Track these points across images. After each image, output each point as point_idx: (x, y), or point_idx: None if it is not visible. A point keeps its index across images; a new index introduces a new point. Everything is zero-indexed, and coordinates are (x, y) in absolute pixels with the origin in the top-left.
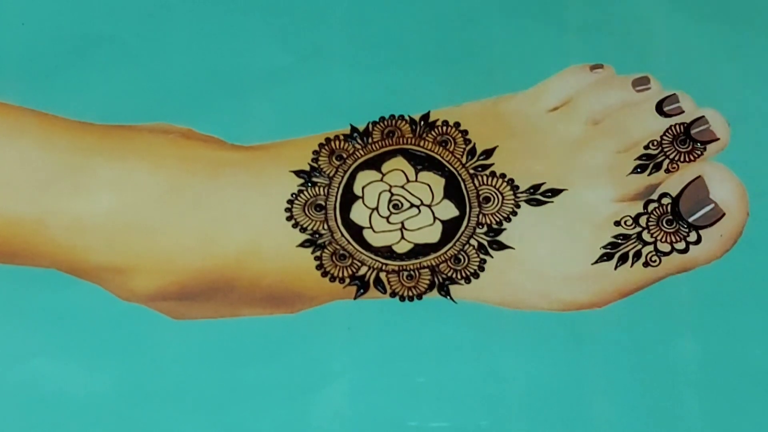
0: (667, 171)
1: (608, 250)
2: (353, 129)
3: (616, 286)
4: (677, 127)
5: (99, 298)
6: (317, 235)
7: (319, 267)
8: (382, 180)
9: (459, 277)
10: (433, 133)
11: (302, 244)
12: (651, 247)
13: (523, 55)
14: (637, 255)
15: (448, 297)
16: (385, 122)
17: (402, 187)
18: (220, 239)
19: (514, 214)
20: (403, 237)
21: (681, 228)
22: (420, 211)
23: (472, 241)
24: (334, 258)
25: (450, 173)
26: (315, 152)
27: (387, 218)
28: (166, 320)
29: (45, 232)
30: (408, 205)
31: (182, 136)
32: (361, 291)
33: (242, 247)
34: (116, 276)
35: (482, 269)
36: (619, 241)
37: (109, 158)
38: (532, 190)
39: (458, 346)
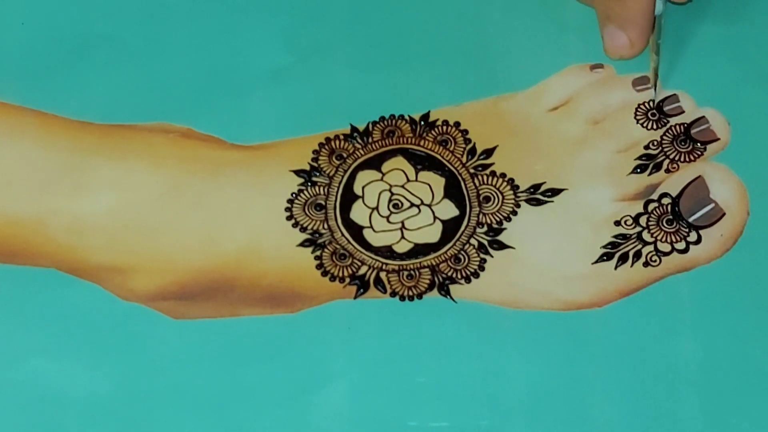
0: (667, 171)
1: (608, 250)
2: (353, 129)
3: (616, 286)
4: (677, 127)
5: (99, 298)
6: (317, 235)
7: (319, 267)
8: (382, 179)
9: (459, 276)
10: (433, 132)
11: (302, 244)
12: (651, 247)
13: (523, 55)
14: (637, 255)
15: (448, 297)
16: (385, 122)
17: (402, 186)
18: (220, 239)
19: (515, 213)
20: (403, 236)
21: (681, 228)
22: (420, 210)
23: (473, 241)
24: (334, 257)
25: (450, 173)
26: (315, 152)
27: (387, 218)
28: (166, 320)
29: (45, 232)
30: (408, 204)
31: (182, 135)
32: (361, 291)
33: (242, 246)
34: (116, 276)
35: (482, 269)
36: (619, 240)
37: (108, 158)
38: (532, 190)
39: (458, 346)
